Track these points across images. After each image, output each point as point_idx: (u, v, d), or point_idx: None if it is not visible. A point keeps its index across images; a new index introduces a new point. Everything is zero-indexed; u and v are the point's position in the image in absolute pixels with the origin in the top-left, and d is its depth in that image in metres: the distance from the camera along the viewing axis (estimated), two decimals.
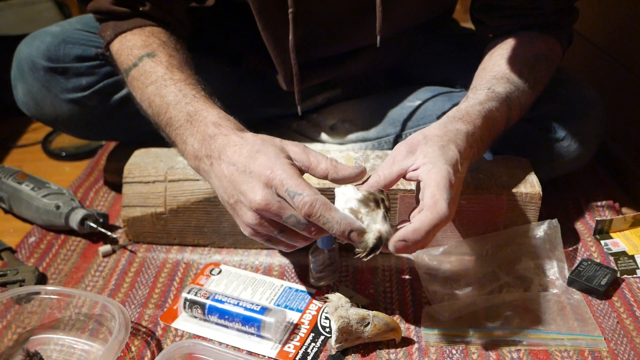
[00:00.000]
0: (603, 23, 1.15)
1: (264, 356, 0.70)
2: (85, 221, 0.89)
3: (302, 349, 0.71)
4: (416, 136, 0.69)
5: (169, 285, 0.82)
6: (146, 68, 0.79)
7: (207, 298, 0.74)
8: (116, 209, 0.99)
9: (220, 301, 0.74)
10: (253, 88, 1.03)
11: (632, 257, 0.84)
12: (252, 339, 0.72)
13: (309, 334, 0.73)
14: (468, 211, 0.81)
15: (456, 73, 1.00)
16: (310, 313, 0.76)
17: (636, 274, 0.82)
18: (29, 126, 1.35)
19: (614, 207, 0.96)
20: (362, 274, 0.83)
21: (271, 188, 0.63)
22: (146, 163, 0.88)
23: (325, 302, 0.75)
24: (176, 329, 0.75)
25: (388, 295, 0.79)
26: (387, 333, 0.71)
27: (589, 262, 0.82)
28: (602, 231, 0.89)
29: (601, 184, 1.03)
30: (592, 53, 1.17)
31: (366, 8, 0.83)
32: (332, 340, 0.70)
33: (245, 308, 0.72)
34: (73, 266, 0.86)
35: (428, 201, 0.62)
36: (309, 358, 0.70)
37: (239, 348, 0.71)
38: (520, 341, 0.71)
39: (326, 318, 0.75)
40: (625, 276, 0.81)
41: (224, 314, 0.73)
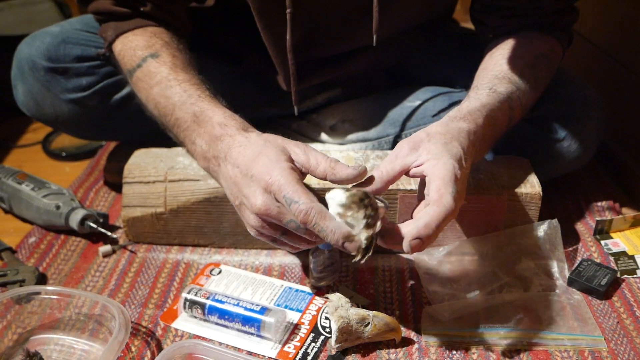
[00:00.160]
0: (603, 23, 1.15)
1: (264, 356, 0.70)
2: (85, 221, 0.89)
3: (302, 349, 0.71)
4: (419, 134, 0.69)
5: (169, 285, 0.82)
6: (150, 69, 0.79)
7: (207, 298, 0.74)
8: (116, 209, 0.99)
9: (220, 301, 0.74)
10: (253, 88, 1.03)
11: (632, 257, 0.84)
12: (252, 339, 0.72)
13: (309, 334, 0.73)
14: (468, 211, 0.81)
15: (456, 73, 1.00)
16: (310, 313, 0.76)
17: (636, 274, 0.82)
18: (29, 126, 1.35)
19: (614, 207, 0.96)
20: (362, 274, 0.83)
21: (270, 193, 0.63)
22: (146, 163, 0.88)
23: (325, 302, 0.75)
24: (176, 329, 0.75)
25: (388, 295, 0.79)
26: (387, 333, 0.70)
27: (589, 262, 0.82)
28: (602, 231, 0.89)
29: (601, 184, 1.03)
30: (592, 53, 1.17)
31: (365, 8, 0.84)
32: (332, 340, 0.70)
33: (245, 308, 0.72)
34: (73, 266, 0.86)
35: (434, 195, 0.62)
36: (309, 358, 0.70)
37: (239, 348, 0.71)
38: (520, 341, 0.71)
39: (326, 318, 0.75)
40: (625, 276, 0.81)
41: (224, 314, 0.73)
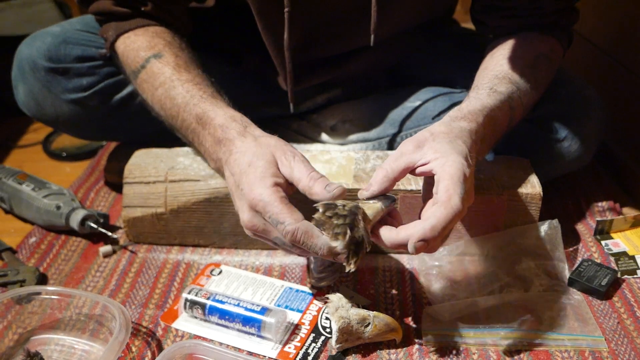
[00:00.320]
0: (603, 23, 1.15)
1: (265, 356, 0.70)
2: (85, 221, 0.89)
3: (303, 350, 0.71)
4: (423, 133, 0.69)
5: (170, 285, 0.82)
6: (154, 69, 0.80)
7: (208, 298, 0.74)
8: (117, 210, 0.99)
9: (220, 301, 0.74)
10: (253, 88, 1.03)
11: (633, 258, 0.84)
12: (253, 340, 0.72)
13: (310, 335, 0.73)
14: (468, 212, 0.80)
15: (457, 73, 1.00)
16: (310, 313, 0.76)
17: (637, 275, 0.82)
18: (30, 126, 1.35)
19: (615, 208, 0.96)
20: (363, 275, 0.83)
21: (256, 212, 0.65)
22: (147, 163, 0.88)
23: (325, 303, 0.75)
24: (177, 330, 0.75)
25: (389, 295, 0.79)
26: (388, 333, 0.70)
27: (590, 263, 0.82)
28: (603, 231, 0.89)
29: (601, 185, 1.03)
30: (592, 53, 1.17)
31: (364, 8, 0.84)
32: (333, 340, 0.70)
33: (245, 308, 0.72)
34: (73, 266, 0.86)
35: (442, 196, 0.62)
36: (310, 358, 0.70)
37: (240, 348, 0.71)
38: (520, 342, 0.71)
39: (327, 318, 0.75)
40: (625, 276, 0.81)
41: (225, 315, 0.73)
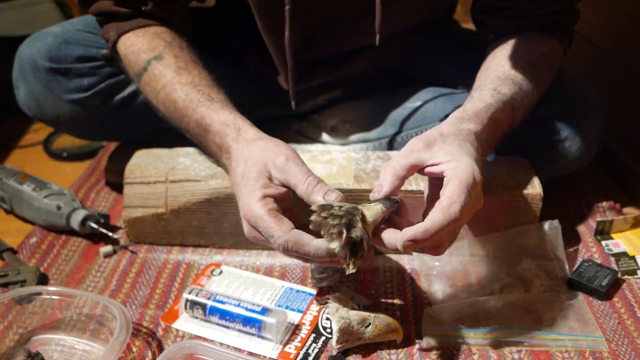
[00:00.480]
0: (603, 23, 1.15)
1: (265, 357, 0.70)
2: (86, 222, 0.89)
3: (303, 350, 0.71)
4: (432, 132, 0.68)
5: (170, 285, 0.83)
6: (155, 72, 0.80)
7: (208, 299, 0.74)
8: (117, 210, 0.99)
9: (221, 302, 0.74)
10: (253, 88, 1.03)
11: (633, 258, 0.84)
12: (253, 340, 0.73)
13: (310, 335, 0.73)
14: None
15: (457, 74, 0.99)
16: (311, 314, 0.76)
17: (637, 275, 0.82)
18: (31, 127, 1.35)
19: (615, 208, 0.96)
20: (363, 275, 0.83)
21: (251, 225, 0.67)
22: (147, 164, 0.88)
23: (326, 303, 0.75)
24: (177, 330, 0.75)
25: (389, 296, 0.79)
26: (388, 334, 0.71)
27: (590, 263, 0.82)
28: (603, 232, 0.89)
29: (602, 185, 1.03)
30: (592, 53, 1.17)
31: (365, 8, 0.84)
32: (333, 341, 0.70)
33: (246, 309, 0.72)
34: (74, 267, 0.87)
35: (444, 201, 0.61)
36: (310, 359, 0.70)
37: (240, 349, 0.71)
38: (521, 342, 0.71)
39: (327, 319, 0.75)
40: (626, 277, 0.81)
41: (225, 315, 0.73)
